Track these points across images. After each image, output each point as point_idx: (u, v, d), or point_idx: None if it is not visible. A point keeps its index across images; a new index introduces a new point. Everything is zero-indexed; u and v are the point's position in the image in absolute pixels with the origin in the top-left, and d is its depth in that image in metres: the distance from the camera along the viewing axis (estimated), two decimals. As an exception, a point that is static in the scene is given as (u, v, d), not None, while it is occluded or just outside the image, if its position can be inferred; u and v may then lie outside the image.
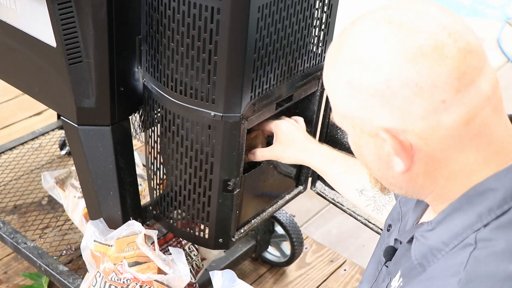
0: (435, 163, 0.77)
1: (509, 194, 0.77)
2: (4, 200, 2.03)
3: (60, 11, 1.25)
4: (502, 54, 3.51)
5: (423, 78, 0.72)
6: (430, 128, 0.74)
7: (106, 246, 1.44)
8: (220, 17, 1.14)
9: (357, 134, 0.81)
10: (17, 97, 2.74)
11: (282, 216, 1.98)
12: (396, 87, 0.73)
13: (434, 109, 0.73)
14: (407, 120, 0.74)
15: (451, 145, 0.76)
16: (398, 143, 0.76)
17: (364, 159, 0.85)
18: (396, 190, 0.86)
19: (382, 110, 0.75)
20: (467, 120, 0.74)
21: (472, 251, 0.76)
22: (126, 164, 1.47)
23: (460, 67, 0.73)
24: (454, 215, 0.80)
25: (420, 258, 0.82)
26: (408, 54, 0.73)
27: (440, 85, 0.72)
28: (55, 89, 1.41)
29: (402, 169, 0.78)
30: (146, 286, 1.36)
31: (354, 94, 0.77)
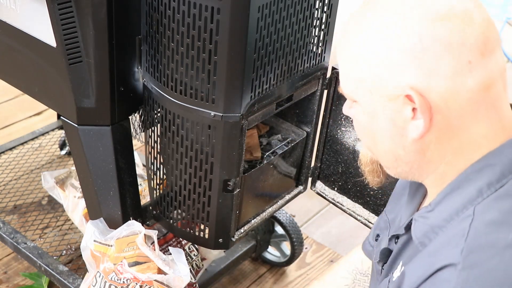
0: (449, 130, 0.78)
1: (507, 169, 0.79)
2: (4, 200, 2.03)
3: (60, 11, 1.25)
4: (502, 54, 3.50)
5: (453, 36, 0.74)
6: (454, 89, 0.75)
7: (106, 246, 1.44)
8: (220, 17, 1.14)
9: (373, 101, 0.80)
10: (17, 97, 2.74)
11: (282, 216, 1.98)
12: (428, 42, 0.74)
13: (460, 68, 0.75)
14: (433, 78, 0.75)
15: (469, 111, 0.77)
16: (424, 101, 0.76)
17: (373, 132, 0.84)
18: (400, 168, 0.86)
19: (410, 67, 0.75)
20: (486, 86, 0.76)
21: (471, 222, 0.77)
22: (126, 164, 1.47)
23: (485, 32, 0.76)
24: (453, 194, 0.81)
25: (421, 237, 0.83)
26: (440, 13, 0.75)
27: (468, 45, 0.74)
28: (55, 89, 1.41)
29: (421, 131, 0.78)
30: (146, 286, 1.36)
31: (381, 51, 0.77)
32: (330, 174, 1.62)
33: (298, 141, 1.54)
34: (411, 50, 0.75)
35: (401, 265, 0.89)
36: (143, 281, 1.36)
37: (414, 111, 0.78)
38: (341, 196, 1.60)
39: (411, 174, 0.86)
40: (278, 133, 1.58)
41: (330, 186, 1.62)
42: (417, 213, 0.86)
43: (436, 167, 0.82)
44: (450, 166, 0.82)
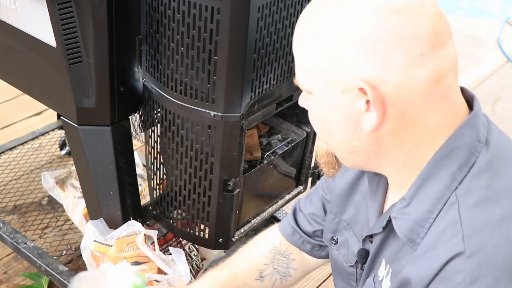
0: (404, 121, 0.79)
1: (473, 148, 0.81)
2: (4, 200, 2.03)
3: (60, 11, 1.25)
4: (502, 54, 3.51)
5: (406, 29, 0.75)
6: (407, 81, 0.76)
7: (106, 246, 1.44)
8: (220, 17, 1.14)
9: (328, 93, 0.80)
10: (17, 97, 2.73)
11: (282, 216, 1.98)
12: (381, 34, 0.75)
13: (412, 61, 0.75)
14: (386, 71, 0.76)
15: (422, 102, 0.78)
16: (376, 93, 0.76)
17: (328, 124, 0.84)
18: (357, 159, 0.86)
19: (363, 59, 0.76)
20: (438, 78, 0.77)
21: (458, 208, 0.79)
22: (126, 164, 1.47)
23: (436, 26, 0.76)
24: (426, 184, 0.82)
25: (408, 234, 0.83)
26: (395, 6, 0.75)
27: (420, 37, 0.75)
28: (55, 89, 1.41)
29: (374, 124, 0.78)
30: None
31: (334, 44, 0.77)
32: (330, 174, 1.61)
33: (298, 141, 1.54)
34: (365, 42, 0.75)
35: (385, 263, 0.90)
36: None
37: (368, 104, 0.78)
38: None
39: (369, 164, 0.86)
40: (278, 133, 1.58)
41: (330, 186, 1.62)
42: (394, 210, 0.86)
43: (396, 156, 0.83)
44: (410, 154, 0.82)
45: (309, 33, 0.80)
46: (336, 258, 1.06)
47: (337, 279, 1.08)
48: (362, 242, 0.97)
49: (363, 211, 0.99)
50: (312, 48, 0.80)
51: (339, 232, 1.05)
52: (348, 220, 1.03)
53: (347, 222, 1.03)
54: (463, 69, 3.28)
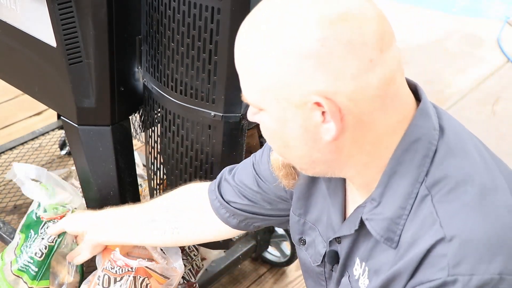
0: (362, 127, 0.79)
1: (431, 137, 0.81)
2: (4, 200, 2.03)
3: (60, 11, 1.25)
4: (502, 54, 3.51)
5: (354, 36, 0.74)
6: (360, 88, 0.76)
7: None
8: (220, 17, 1.14)
9: (281, 109, 0.79)
10: (17, 97, 2.74)
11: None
12: (331, 45, 0.73)
13: (364, 68, 0.75)
14: (339, 81, 0.75)
15: (377, 107, 0.78)
16: (333, 105, 0.76)
17: (284, 139, 0.83)
18: (318, 168, 0.86)
19: (315, 72, 0.74)
20: (389, 80, 0.77)
21: (431, 199, 0.79)
22: (126, 164, 1.47)
23: (380, 28, 0.76)
24: (393, 180, 0.82)
25: (385, 233, 0.83)
26: (338, 14, 0.74)
27: (369, 43, 0.75)
28: (55, 89, 1.41)
29: (334, 134, 0.78)
30: (140, 277, 1.35)
31: (282, 60, 0.75)
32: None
33: (298, 141, 1.54)
34: (314, 55, 0.74)
35: (359, 261, 0.90)
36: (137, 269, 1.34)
37: (323, 114, 0.77)
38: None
39: (331, 171, 0.86)
40: (278, 133, 1.58)
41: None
42: (364, 214, 0.86)
43: (357, 160, 0.83)
44: (371, 155, 0.82)
45: (254, 50, 0.78)
46: (305, 259, 1.06)
47: (307, 279, 1.09)
48: (329, 244, 0.97)
49: (325, 212, 0.98)
50: (258, 65, 0.78)
51: (305, 233, 1.04)
52: (313, 220, 1.03)
53: (312, 222, 1.03)
54: (463, 69, 3.29)
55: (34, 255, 1.43)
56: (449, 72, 3.21)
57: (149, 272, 1.33)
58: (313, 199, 1.02)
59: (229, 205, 1.16)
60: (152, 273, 1.34)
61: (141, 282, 1.34)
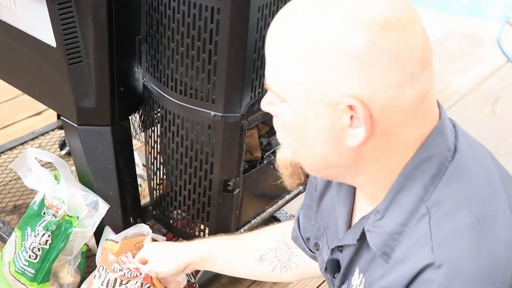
0: (387, 138, 0.77)
1: (444, 157, 0.80)
2: (4, 200, 2.03)
3: (60, 11, 1.25)
4: (502, 54, 3.50)
5: (402, 47, 0.73)
6: (395, 100, 0.74)
7: (114, 243, 1.44)
8: (220, 17, 1.14)
9: (309, 104, 0.76)
10: (17, 97, 2.73)
11: (282, 216, 1.98)
12: (378, 51, 0.72)
13: (404, 81, 0.74)
14: (377, 89, 0.73)
15: (406, 121, 0.77)
16: (367, 111, 0.74)
17: (301, 135, 0.80)
18: (331, 171, 0.83)
19: (357, 75, 0.72)
20: (423, 97, 0.76)
21: (429, 219, 0.78)
22: (126, 164, 1.47)
23: (425, 44, 0.75)
24: (399, 196, 0.81)
25: (382, 247, 0.82)
26: (390, 21, 0.72)
27: (413, 57, 0.74)
28: (55, 89, 1.41)
29: (361, 141, 0.76)
30: (147, 284, 1.36)
31: (329, 56, 0.73)
32: (330, 174, 1.62)
33: (298, 141, 1.54)
34: (361, 58, 0.72)
35: (358, 271, 0.89)
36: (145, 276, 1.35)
37: (351, 119, 0.75)
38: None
39: (341, 176, 0.84)
40: (278, 133, 1.58)
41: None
42: (367, 224, 0.84)
43: (370, 169, 0.81)
44: (385, 167, 0.81)
45: (297, 40, 0.75)
46: (320, 264, 1.05)
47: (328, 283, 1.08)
48: (331, 252, 0.96)
49: (333, 219, 0.97)
50: (298, 56, 0.75)
51: (319, 238, 1.04)
52: (324, 226, 1.02)
53: (324, 228, 1.02)
54: (463, 69, 3.28)
55: (29, 258, 1.43)
56: (449, 72, 3.21)
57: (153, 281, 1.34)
58: (325, 204, 1.01)
59: (302, 238, 1.15)
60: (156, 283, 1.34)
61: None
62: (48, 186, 1.47)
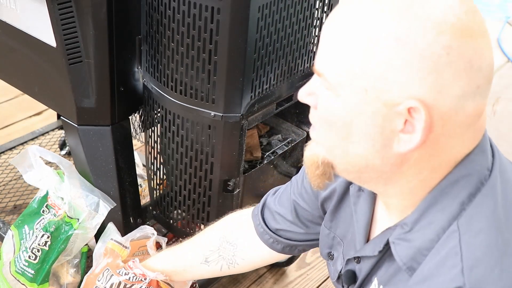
0: (435, 149, 0.74)
1: (482, 176, 0.77)
2: (4, 200, 2.03)
3: (60, 11, 1.25)
4: (502, 54, 3.50)
5: (476, 57, 0.70)
6: (455, 111, 0.71)
7: (121, 247, 1.43)
8: (220, 17, 1.14)
9: (364, 100, 0.71)
10: (17, 97, 2.73)
11: (282, 216, 1.98)
12: (454, 56, 0.68)
13: (469, 92, 0.71)
14: (442, 96, 0.69)
15: (458, 134, 0.73)
16: (429, 117, 0.69)
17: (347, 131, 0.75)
18: (367, 174, 0.78)
19: (426, 78, 0.68)
20: (480, 112, 0.74)
21: (459, 238, 0.74)
22: (126, 164, 1.47)
23: (493, 59, 0.73)
24: (431, 210, 0.77)
25: (409, 261, 0.79)
26: (470, 29, 0.69)
27: (483, 69, 0.71)
28: (55, 89, 1.41)
29: (413, 147, 0.72)
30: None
31: (401, 53, 0.68)
32: (330, 174, 1.61)
33: (298, 141, 1.54)
34: (435, 61, 0.68)
35: (378, 283, 0.87)
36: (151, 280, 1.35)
37: (405, 123, 0.71)
38: (341, 196, 1.60)
39: (374, 182, 0.80)
40: (278, 133, 1.58)
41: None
42: (392, 235, 0.81)
43: (408, 181, 0.77)
44: (422, 181, 0.77)
45: (365, 26, 0.70)
46: (331, 274, 1.03)
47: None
48: (346, 262, 0.94)
49: (351, 230, 0.95)
50: (363, 46, 0.70)
51: (334, 247, 1.02)
52: (341, 235, 0.99)
53: (340, 237, 0.99)
54: (463, 69, 3.29)
55: (28, 258, 1.43)
56: (449, 72, 3.21)
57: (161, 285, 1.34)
58: (342, 214, 0.98)
59: (271, 231, 1.14)
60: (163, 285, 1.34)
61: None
62: (53, 184, 1.47)
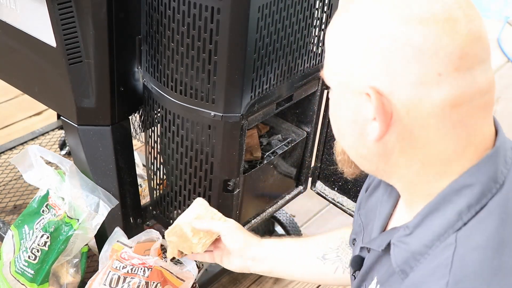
0: (412, 141, 0.75)
1: (486, 188, 0.76)
2: (4, 200, 2.03)
3: (60, 11, 1.25)
4: (502, 54, 3.51)
5: (427, 43, 0.71)
6: (417, 99, 0.72)
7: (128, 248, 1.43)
8: (220, 17, 1.14)
9: (340, 92, 0.79)
10: (17, 97, 2.74)
11: (282, 216, 1.98)
12: (399, 44, 0.71)
13: (428, 79, 0.71)
14: (397, 83, 0.72)
15: (432, 126, 0.74)
16: (380, 103, 0.73)
17: (338, 124, 0.82)
18: (367, 165, 0.84)
19: (377, 66, 0.73)
20: (454, 103, 0.73)
21: (454, 250, 0.74)
22: (126, 164, 1.47)
23: (465, 47, 0.71)
24: (432, 216, 0.78)
25: (402, 265, 0.80)
26: (420, 17, 0.71)
27: (442, 56, 0.71)
28: (55, 89, 1.41)
29: (376, 136, 0.76)
30: (154, 283, 1.35)
31: (355, 46, 0.75)
32: (330, 174, 1.62)
33: (298, 141, 1.54)
34: (383, 50, 0.72)
35: (376, 281, 0.88)
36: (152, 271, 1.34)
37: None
38: (341, 196, 1.60)
39: (379, 174, 0.84)
40: (278, 133, 1.58)
41: (330, 186, 1.62)
42: (395, 236, 0.83)
43: (404, 174, 0.79)
44: (420, 177, 0.79)
45: (336, 31, 0.79)
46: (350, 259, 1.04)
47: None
48: (360, 249, 0.95)
49: (372, 219, 0.96)
50: (335, 46, 0.78)
51: (358, 234, 1.03)
52: (365, 223, 1.01)
53: (364, 225, 1.01)
54: (463, 69, 3.29)
55: (28, 258, 1.43)
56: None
57: (164, 274, 1.33)
58: (371, 203, 1.00)
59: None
60: (167, 274, 1.34)
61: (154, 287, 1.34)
62: (54, 184, 1.47)
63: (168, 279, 1.37)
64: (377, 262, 0.89)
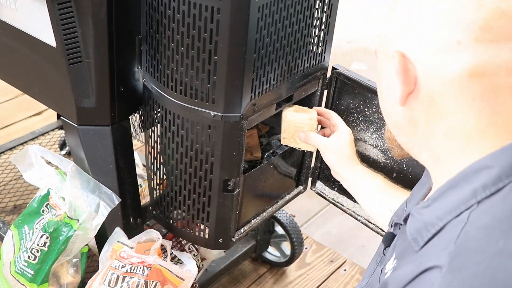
0: (434, 109, 0.78)
1: (504, 172, 0.75)
2: (4, 200, 2.03)
3: (60, 11, 1.25)
4: None
5: (452, 11, 0.74)
6: (437, 65, 0.75)
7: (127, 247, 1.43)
8: (220, 17, 1.14)
9: (380, 58, 0.84)
10: (17, 97, 2.74)
11: (282, 216, 1.98)
12: (426, 9, 0.76)
13: (448, 46, 0.74)
14: (422, 48, 0.76)
15: (451, 94, 0.75)
16: (403, 65, 0.77)
17: (380, 91, 0.87)
18: (400, 135, 0.87)
19: (406, 31, 0.78)
20: (472, 74, 0.74)
21: (463, 226, 0.74)
22: (126, 164, 1.47)
23: (490, 21, 0.73)
24: (449, 192, 0.79)
25: (414, 233, 0.81)
26: None
27: (463, 25, 0.73)
28: (55, 89, 1.41)
29: (399, 96, 0.79)
30: (153, 282, 1.35)
31: (394, 13, 0.80)
32: (330, 174, 1.61)
33: (298, 141, 1.54)
34: (412, 15, 0.77)
35: (394, 257, 0.88)
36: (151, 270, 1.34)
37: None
38: (341, 196, 1.60)
39: (410, 148, 0.87)
40: (278, 133, 1.58)
41: (330, 186, 1.62)
42: (415, 207, 0.85)
43: (431, 146, 0.82)
44: (443, 149, 0.80)
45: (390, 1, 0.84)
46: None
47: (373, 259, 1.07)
48: (394, 226, 0.97)
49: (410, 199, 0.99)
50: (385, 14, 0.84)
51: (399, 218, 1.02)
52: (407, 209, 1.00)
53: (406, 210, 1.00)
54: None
55: (28, 259, 1.43)
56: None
57: (164, 273, 1.33)
58: (417, 188, 1.02)
59: None
60: (167, 273, 1.34)
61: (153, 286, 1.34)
62: (55, 184, 1.47)
63: (168, 278, 1.37)
64: (399, 238, 0.90)
